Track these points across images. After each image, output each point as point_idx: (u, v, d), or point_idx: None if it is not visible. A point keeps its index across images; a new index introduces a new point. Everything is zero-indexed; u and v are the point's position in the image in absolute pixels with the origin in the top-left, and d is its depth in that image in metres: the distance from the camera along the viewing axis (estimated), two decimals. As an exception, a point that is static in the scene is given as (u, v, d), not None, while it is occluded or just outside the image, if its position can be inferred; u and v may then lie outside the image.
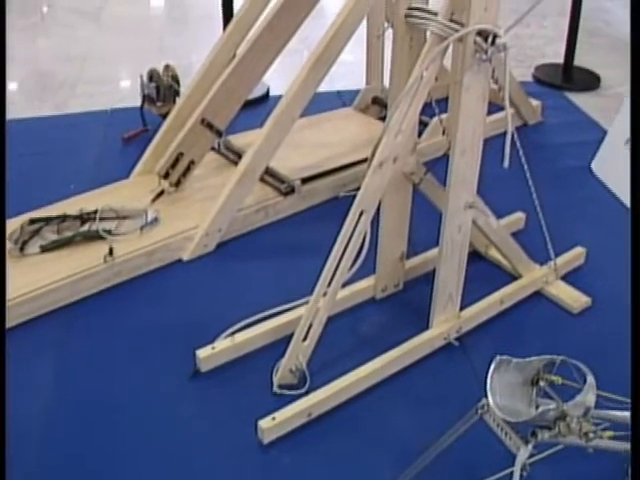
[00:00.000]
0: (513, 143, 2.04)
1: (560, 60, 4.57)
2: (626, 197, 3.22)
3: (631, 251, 1.94)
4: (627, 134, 3.31)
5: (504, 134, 1.99)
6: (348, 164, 3.22)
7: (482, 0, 1.90)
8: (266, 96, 4.13)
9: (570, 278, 2.70)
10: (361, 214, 2.08)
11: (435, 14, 2.01)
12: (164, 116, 3.40)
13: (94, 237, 2.77)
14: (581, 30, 4.55)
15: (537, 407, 1.48)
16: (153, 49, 5.11)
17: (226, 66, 3.10)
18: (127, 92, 4.18)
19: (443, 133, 2.42)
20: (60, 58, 4.95)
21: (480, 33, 1.91)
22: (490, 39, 1.90)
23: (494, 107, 2.31)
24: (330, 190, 3.17)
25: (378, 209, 2.22)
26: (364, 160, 2.24)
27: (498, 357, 1.57)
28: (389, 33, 3.09)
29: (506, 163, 1.97)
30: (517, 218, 2.94)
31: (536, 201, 2.47)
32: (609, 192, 3.31)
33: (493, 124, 2.78)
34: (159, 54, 4.95)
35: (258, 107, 3.83)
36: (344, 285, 2.28)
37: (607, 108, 4.00)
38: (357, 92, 3.87)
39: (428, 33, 2.04)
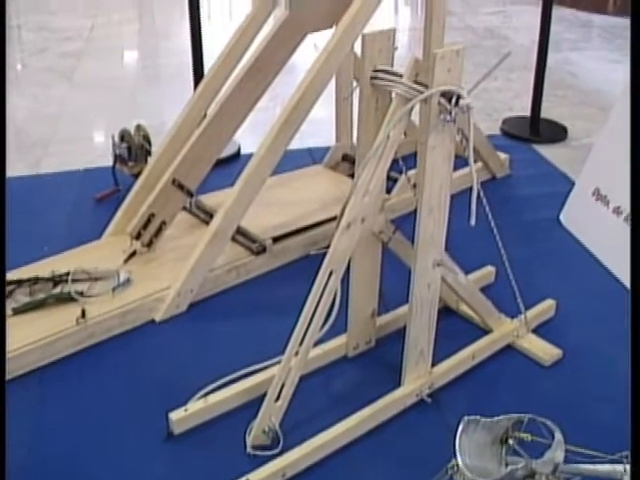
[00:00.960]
0: (481, 198, 2.07)
1: (527, 113, 4.64)
2: (595, 247, 3.26)
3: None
4: (595, 184, 3.37)
5: (470, 188, 2.02)
6: (318, 222, 3.24)
7: (445, 62, 1.94)
8: (237, 154, 4.16)
9: (541, 330, 2.71)
10: (330, 274, 2.09)
11: (400, 76, 2.05)
12: (136, 176, 3.43)
13: (66, 299, 2.77)
14: (547, 82, 4.63)
15: (507, 466, 1.49)
16: (126, 108, 5.14)
17: (197, 126, 3.14)
18: (100, 151, 4.20)
19: (414, 187, 2.44)
20: (34, 117, 4.97)
21: (444, 94, 1.94)
22: (454, 100, 1.94)
23: (463, 161, 2.35)
24: (301, 248, 3.19)
25: (348, 267, 2.25)
26: (334, 218, 2.26)
27: (466, 417, 1.58)
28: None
29: (472, 221, 2.00)
30: (487, 272, 2.96)
31: (504, 256, 2.50)
32: (578, 243, 3.34)
33: (461, 179, 2.81)
34: (132, 113, 4.98)
35: (229, 165, 3.85)
36: (316, 344, 2.29)
37: (575, 159, 4.05)
38: (328, 149, 3.92)
39: (394, 94, 2.08)
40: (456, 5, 7.87)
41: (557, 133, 4.59)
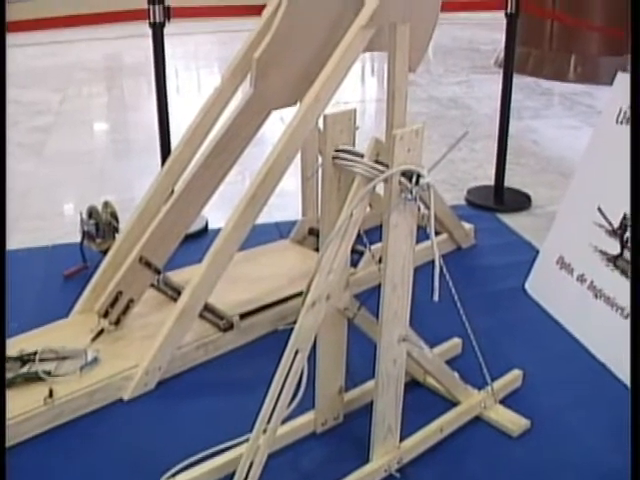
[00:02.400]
0: (444, 273, 2.10)
1: (491, 182, 4.71)
2: (561, 316, 3.30)
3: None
4: (559, 252, 3.42)
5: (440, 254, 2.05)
6: (286, 297, 3.26)
7: (405, 142, 1.98)
8: (205, 229, 4.19)
9: (509, 401, 2.73)
10: (296, 353, 2.10)
11: (361, 156, 2.10)
12: (104, 252, 3.44)
13: (34, 378, 2.76)
14: (510, 151, 4.72)
15: None
16: (94, 183, 5.17)
17: (164, 203, 3.17)
18: (69, 227, 4.21)
19: (380, 261, 2.47)
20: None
21: (404, 174, 1.99)
22: (414, 179, 1.98)
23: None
24: (269, 324, 3.20)
25: (315, 343, 2.26)
26: (301, 293, 2.28)
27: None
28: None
29: (436, 297, 2.02)
30: (453, 344, 2.98)
31: (469, 329, 2.53)
32: (544, 312, 3.38)
33: (426, 251, 2.82)
34: (100, 188, 5.02)
35: (197, 241, 3.87)
36: (284, 421, 2.29)
37: (538, 227, 4.11)
38: (295, 223, 3.95)
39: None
40: (420, 76, 8.00)
41: (521, 201, 4.66)
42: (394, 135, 1.94)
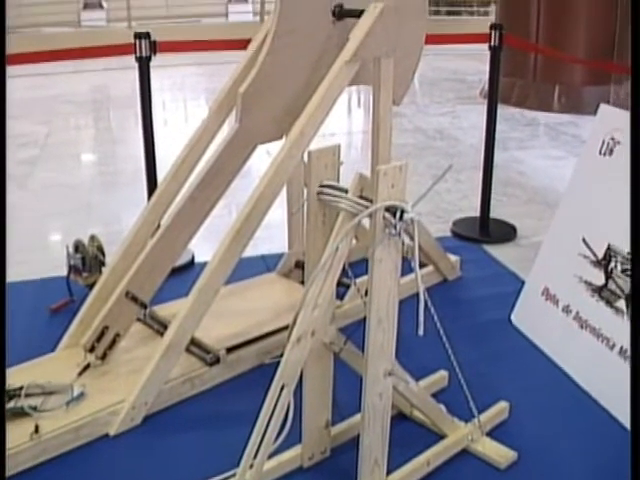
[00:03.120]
0: (429, 307, 2.11)
1: (477, 213, 4.73)
2: (546, 347, 3.31)
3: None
4: (544, 284, 3.43)
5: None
6: (272, 331, 3.25)
7: (389, 177, 2.00)
8: (191, 263, 4.19)
9: (495, 433, 2.73)
10: (282, 388, 2.11)
11: (345, 191, 2.11)
12: (90, 286, 3.43)
13: (20, 414, 2.75)
14: (496, 181, 4.75)
15: None
16: (81, 216, 5.17)
17: (150, 237, 3.17)
18: (56, 261, 4.20)
19: (366, 294, 2.47)
20: (-13, 225, 4.97)
21: (388, 209, 2.00)
22: (398, 214, 2.00)
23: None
24: (255, 358, 3.19)
25: (301, 377, 2.27)
26: (287, 327, 2.29)
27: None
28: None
29: (420, 331, 2.04)
30: (440, 377, 2.99)
31: (454, 362, 2.53)
32: (530, 343, 3.38)
33: (412, 283, 2.85)
34: (87, 221, 5.02)
35: (184, 274, 3.87)
36: (271, 456, 2.29)
37: (524, 258, 4.12)
38: (281, 255, 3.95)
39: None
40: (406, 107, 8.05)
41: (506, 232, 4.69)
42: (377, 171, 1.95)
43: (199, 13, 19.35)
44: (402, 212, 1.99)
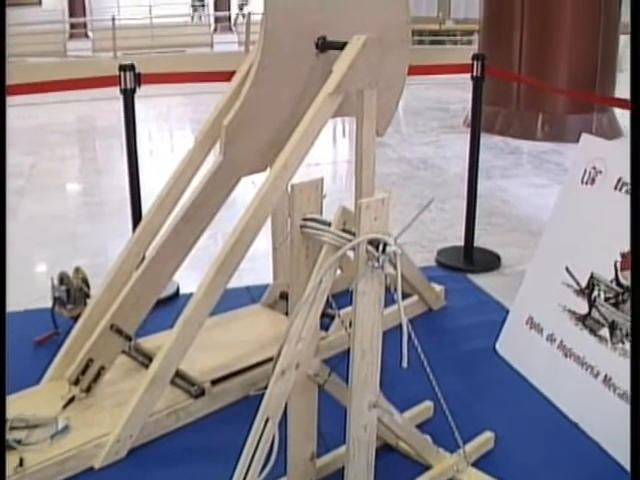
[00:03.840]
0: (413, 339, 2.12)
1: (461, 242, 4.75)
2: (532, 376, 3.32)
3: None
4: (528, 313, 3.45)
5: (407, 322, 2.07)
6: (257, 363, 3.25)
7: (371, 210, 2.02)
8: (176, 294, 4.19)
9: (481, 463, 2.73)
10: (267, 421, 2.11)
11: (328, 224, 2.13)
12: (75, 319, 3.43)
13: (4, 447, 2.74)
14: (480, 210, 4.78)
15: None
16: (66, 247, 5.16)
17: (135, 269, 3.17)
18: (41, 292, 4.19)
19: (350, 326, 2.48)
20: (-29, 259, 4.96)
21: (371, 242, 2.02)
22: (381, 247, 2.01)
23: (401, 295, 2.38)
24: (240, 390, 3.19)
25: (286, 410, 2.27)
26: (272, 358, 2.29)
27: None
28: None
29: (404, 364, 2.04)
30: (425, 407, 2.99)
31: (439, 393, 2.54)
32: (515, 372, 3.39)
33: (396, 314, 2.85)
34: (72, 252, 5.01)
35: (169, 306, 3.86)
36: (256, 488, 2.29)
37: (508, 287, 4.12)
38: (266, 286, 3.95)
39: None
40: (390, 136, 8.09)
41: (491, 261, 4.71)
42: (360, 204, 1.97)
43: (184, 43, 19.48)
44: (385, 245, 2.01)
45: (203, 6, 31.95)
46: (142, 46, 18.35)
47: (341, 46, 3.06)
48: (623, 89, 12.33)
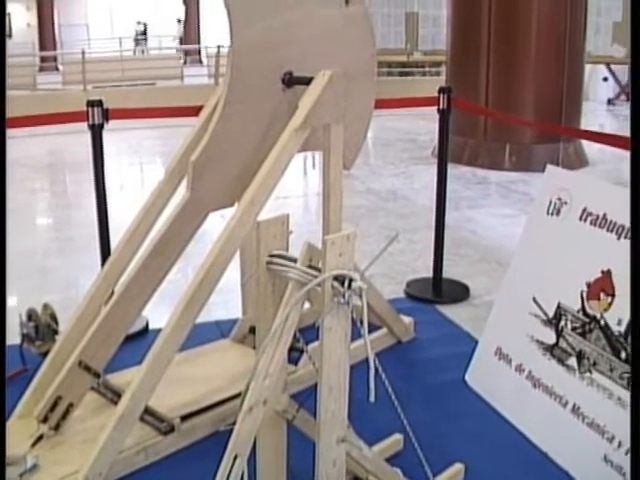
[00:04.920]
0: (380, 373, 2.13)
1: (430, 273, 4.77)
2: (501, 406, 3.33)
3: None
4: (497, 343, 3.47)
5: (375, 355, 2.09)
6: (227, 398, 3.24)
7: (337, 246, 2.03)
8: (145, 330, 4.18)
9: (452, 496, 2.75)
10: (235, 458, 2.11)
11: (295, 260, 2.14)
12: (44, 355, 3.41)
13: (-28, 487, 2.71)
14: (448, 241, 4.81)
15: None
16: (35, 281, 5.14)
17: (104, 304, 3.16)
18: (9, 328, 4.17)
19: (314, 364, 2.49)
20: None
21: (337, 278, 2.03)
22: (347, 283, 2.03)
23: (371, 327, 2.38)
24: (210, 425, 3.18)
25: (255, 445, 2.27)
26: (241, 393, 2.29)
27: None
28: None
29: (372, 398, 2.05)
30: (395, 440, 2.99)
31: (407, 426, 2.54)
32: (485, 403, 3.41)
33: (363, 347, 2.87)
34: (41, 287, 4.99)
35: (138, 341, 3.84)
36: (225, 525, 2.28)
37: (477, 318, 4.16)
38: (235, 321, 3.94)
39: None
40: (359, 168, 8.14)
41: (459, 292, 4.73)
42: (325, 240, 1.99)
43: (155, 75, 19.48)
44: (350, 280, 2.02)
45: (145, 40, 31.86)
46: (112, 79, 18.35)
47: (307, 81, 3.09)
48: (590, 118, 12.55)
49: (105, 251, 4.12)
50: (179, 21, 32.42)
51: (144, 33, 32.06)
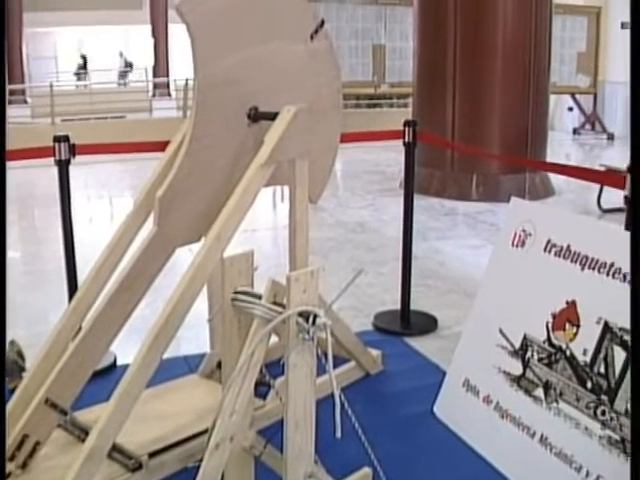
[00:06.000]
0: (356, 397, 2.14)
1: (398, 306, 4.78)
2: (470, 438, 3.34)
3: None
4: (464, 375, 3.48)
5: (344, 389, 2.10)
6: (195, 434, 3.22)
7: (300, 283, 2.05)
8: (113, 365, 4.15)
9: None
10: (202, 495, 2.11)
11: (259, 297, 2.15)
12: (11, 392, 3.38)
13: (-64, 529, 2.68)
14: (416, 273, 4.82)
15: None
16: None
17: (71, 340, 3.15)
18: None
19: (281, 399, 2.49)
20: None
21: (301, 314, 2.04)
22: (311, 319, 2.04)
23: (337, 360, 2.38)
24: (178, 462, 3.16)
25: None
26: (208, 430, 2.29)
27: None
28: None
29: (338, 434, 2.06)
30: (364, 474, 2.95)
31: (376, 460, 2.55)
32: (454, 435, 3.41)
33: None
34: (9, 322, 4.90)
35: (106, 377, 3.83)
36: None
37: (446, 349, 4.16)
38: (204, 355, 3.92)
39: (255, 315, 2.17)
40: (327, 200, 8.18)
41: (427, 324, 4.75)
42: (289, 277, 2.00)
43: (123, 108, 19.48)
44: (315, 317, 2.03)
45: (86, 73, 31.54)
46: (81, 111, 18.33)
47: (272, 116, 3.11)
48: (556, 148, 12.68)
49: (72, 286, 4.10)
50: (121, 55, 32.23)
51: (84, 67, 31.71)
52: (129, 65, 31.81)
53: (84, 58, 31.97)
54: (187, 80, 16.21)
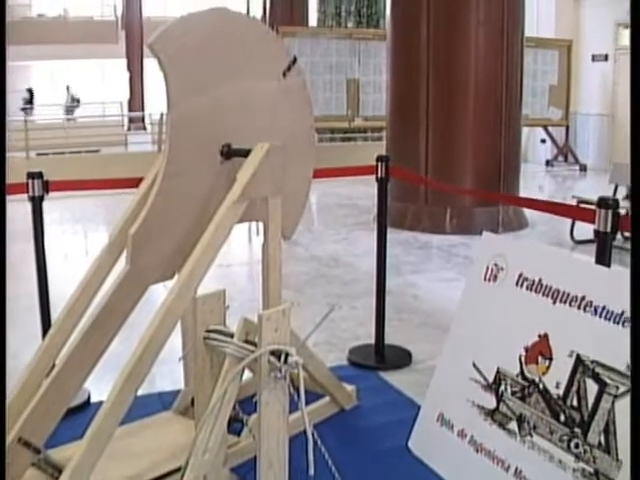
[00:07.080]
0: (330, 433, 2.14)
1: (372, 340, 4.78)
2: (444, 472, 3.35)
3: None
4: (439, 409, 3.49)
5: (318, 424, 2.10)
6: (168, 472, 3.19)
7: (272, 322, 2.06)
8: (87, 403, 4.12)
9: None
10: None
11: (231, 335, 2.16)
12: (-18, 431, 3.36)
13: None
14: (390, 307, 4.83)
15: None
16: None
17: (45, 378, 3.13)
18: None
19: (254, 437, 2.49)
20: None
21: (273, 353, 2.05)
22: (283, 358, 2.05)
23: (314, 395, 2.36)
24: (152, 500, 3.16)
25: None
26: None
27: None
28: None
29: (311, 471, 2.06)
30: (337, 510, 2.99)
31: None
32: (429, 469, 3.41)
33: (310, 414, 2.87)
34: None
35: (79, 415, 3.80)
36: None
37: (420, 383, 4.15)
38: (178, 392, 3.89)
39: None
40: (301, 235, 8.19)
41: (402, 358, 4.75)
42: (260, 316, 2.01)
43: (99, 142, 19.47)
44: (287, 355, 2.04)
45: (32, 108, 31.14)
46: (56, 145, 18.30)
47: (245, 153, 3.13)
48: (529, 180, 12.77)
49: (46, 323, 4.09)
50: (67, 89, 31.99)
51: (30, 102, 31.34)
52: (76, 100, 31.51)
53: (30, 92, 31.65)
54: (162, 114, 16.23)
